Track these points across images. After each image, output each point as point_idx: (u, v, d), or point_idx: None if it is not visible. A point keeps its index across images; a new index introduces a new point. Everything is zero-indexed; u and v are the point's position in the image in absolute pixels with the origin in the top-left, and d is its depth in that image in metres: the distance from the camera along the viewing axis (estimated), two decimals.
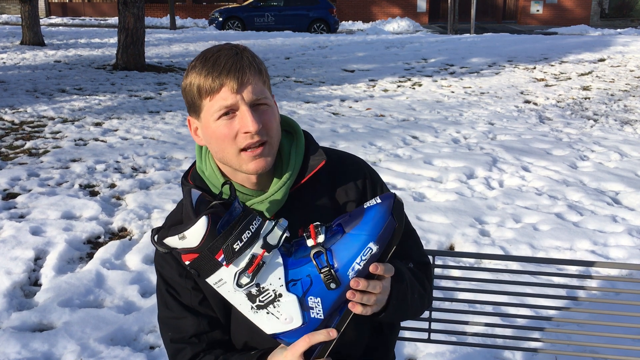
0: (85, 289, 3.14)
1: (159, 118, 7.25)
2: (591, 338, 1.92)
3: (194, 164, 1.34)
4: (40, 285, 3.23)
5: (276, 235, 1.07)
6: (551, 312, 2.77)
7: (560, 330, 1.91)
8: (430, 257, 1.87)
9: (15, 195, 4.51)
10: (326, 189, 1.32)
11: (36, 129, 6.60)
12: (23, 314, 2.90)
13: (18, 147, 5.89)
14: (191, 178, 1.31)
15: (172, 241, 1.06)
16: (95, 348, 2.64)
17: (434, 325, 1.93)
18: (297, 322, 1.10)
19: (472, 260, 3.45)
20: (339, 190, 1.33)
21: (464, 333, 1.99)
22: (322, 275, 1.08)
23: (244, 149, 1.19)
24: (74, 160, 5.42)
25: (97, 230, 3.90)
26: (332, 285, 1.08)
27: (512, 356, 2.60)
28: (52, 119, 7.11)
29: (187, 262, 1.08)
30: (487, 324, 1.93)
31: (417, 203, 4.43)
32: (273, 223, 1.08)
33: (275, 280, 1.08)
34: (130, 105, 8.01)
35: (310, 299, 1.09)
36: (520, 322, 2.73)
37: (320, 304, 1.10)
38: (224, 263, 1.04)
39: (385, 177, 4.96)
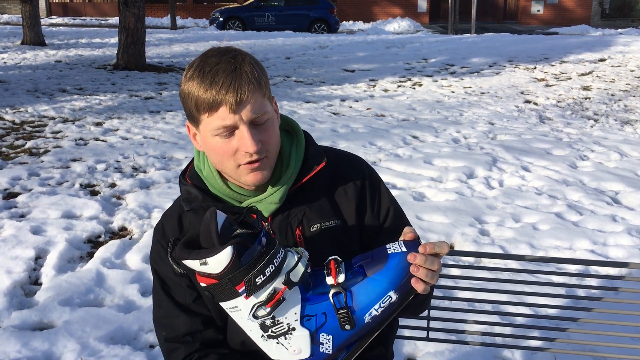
0: (86, 288, 3.15)
1: (159, 118, 7.26)
2: (590, 337, 1.92)
3: (191, 161, 1.33)
4: (40, 284, 3.24)
5: (299, 271, 1.06)
6: (550, 311, 2.77)
7: (560, 328, 1.91)
8: None
9: (15, 195, 4.51)
10: (325, 189, 1.32)
11: (37, 129, 6.61)
12: (23, 313, 2.90)
13: (19, 146, 5.90)
14: (189, 176, 1.31)
15: (192, 264, 1.04)
16: (95, 347, 2.65)
17: (433, 324, 1.94)
18: (305, 354, 1.11)
19: (471, 260, 3.45)
20: (339, 190, 1.33)
21: (463, 332, 1.99)
22: (338, 315, 1.08)
23: (242, 164, 1.19)
24: (74, 160, 5.43)
25: (97, 229, 3.91)
26: (347, 327, 1.08)
27: (511, 355, 2.61)
28: (53, 118, 7.12)
29: (202, 285, 1.07)
30: (486, 323, 1.93)
31: (417, 203, 4.43)
32: (296, 258, 1.07)
33: (291, 314, 1.08)
34: (130, 105, 8.02)
35: (322, 335, 1.10)
36: (520, 320, 2.74)
37: (331, 341, 1.10)
38: (244, 295, 1.04)
39: (385, 177, 4.96)
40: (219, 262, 1.01)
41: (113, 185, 4.81)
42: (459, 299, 1.99)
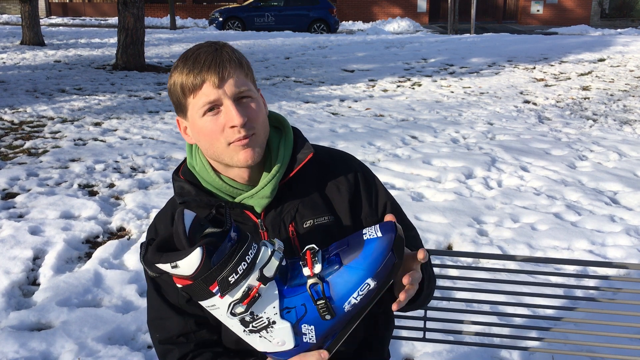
0: (84, 288, 3.15)
1: (158, 118, 7.25)
2: (588, 337, 1.92)
3: (184, 160, 1.35)
4: (38, 284, 3.24)
5: (273, 266, 1.06)
6: (548, 312, 2.77)
7: (558, 329, 1.91)
8: None
9: (14, 195, 4.51)
10: (315, 183, 1.33)
11: (36, 129, 6.60)
12: (21, 313, 2.90)
13: (17, 146, 5.89)
14: (182, 173, 1.32)
15: (164, 267, 1.04)
16: (93, 347, 2.64)
17: (431, 325, 1.94)
18: (289, 345, 1.10)
19: (469, 260, 3.45)
20: (331, 186, 1.33)
21: (461, 332, 1.99)
22: (317, 306, 1.07)
23: (231, 142, 1.20)
24: (73, 160, 5.43)
25: (95, 229, 3.90)
26: (327, 317, 1.08)
27: (509, 355, 2.60)
28: (52, 118, 7.12)
29: (179, 285, 1.07)
30: (484, 323, 1.93)
31: (416, 203, 4.43)
32: (270, 252, 1.06)
33: (270, 309, 1.08)
34: (129, 105, 8.02)
35: (304, 326, 1.09)
36: (518, 321, 2.74)
37: (313, 331, 1.10)
38: (219, 294, 1.04)
39: (384, 177, 4.96)
40: (189, 264, 1.00)
41: (112, 185, 4.80)
42: (456, 299, 1.98)
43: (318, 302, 1.07)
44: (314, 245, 1.11)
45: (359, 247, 1.09)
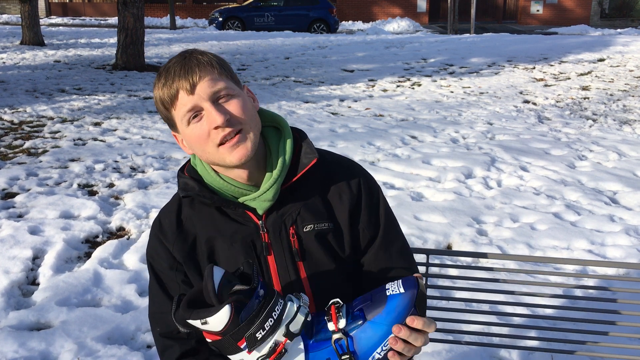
0: (83, 288, 3.15)
1: (157, 118, 7.25)
2: (588, 337, 1.92)
3: (189, 160, 1.36)
4: (38, 284, 3.24)
5: (299, 321, 1.08)
6: (548, 311, 2.77)
7: (557, 328, 1.91)
8: (425, 257, 1.88)
9: (14, 195, 4.51)
10: (319, 188, 1.32)
11: (35, 129, 6.60)
12: (21, 313, 2.90)
13: (17, 146, 5.89)
14: (187, 171, 1.33)
15: (195, 323, 1.07)
16: (92, 347, 2.64)
17: None
18: None
19: (469, 260, 3.45)
20: (332, 191, 1.32)
21: (460, 332, 1.99)
22: None
23: (221, 143, 1.20)
24: (72, 160, 5.42)
25: (95, 229, 3.90)
26: None
27: (508, 355, 2.60)
28: (52, 118, 7.12)
29: (208, 340, 1.10)
30: (483, 323, 1.93)
31: (415, 203, 4.43)
32: (296, 308, 1.09)
33: None
34: (129, 105, 8.02)
35: None
36: (517, 320, 2.74)
37: None
38: (246, 350, 1.06)
39: (384, 177, 4.96)
40: (218, 321, 1.04)
41: (111, 185, 4.80)
42: (456, 299, 1.98)
43: (342, 358, 1.09)
44: (338, 300, 1.13)
45: (382, 302, 1.11)
